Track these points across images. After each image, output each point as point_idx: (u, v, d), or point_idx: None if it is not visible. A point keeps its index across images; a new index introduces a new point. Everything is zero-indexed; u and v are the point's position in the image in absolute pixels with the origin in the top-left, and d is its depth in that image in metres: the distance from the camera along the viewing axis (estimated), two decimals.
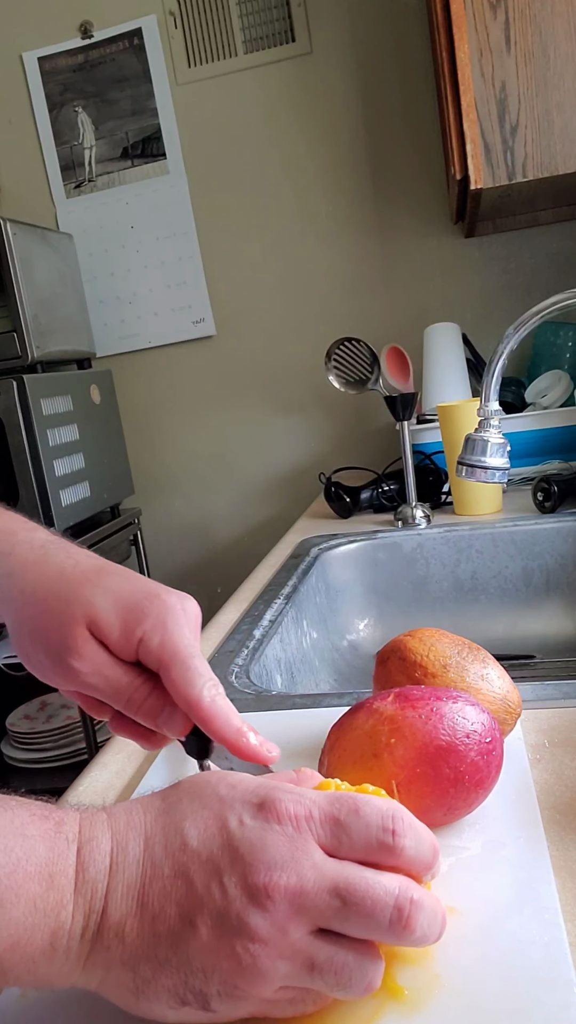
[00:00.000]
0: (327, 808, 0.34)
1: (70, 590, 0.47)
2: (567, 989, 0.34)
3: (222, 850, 0.33)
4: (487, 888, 0.41)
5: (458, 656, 0.55)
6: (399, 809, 0.35)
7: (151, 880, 0.34)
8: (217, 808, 0.35)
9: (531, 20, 1.21)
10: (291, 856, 0.33)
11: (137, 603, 0.46)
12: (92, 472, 1.83)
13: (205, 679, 0.45)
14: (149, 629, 0.45)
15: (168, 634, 0.45)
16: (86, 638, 0.46)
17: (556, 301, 0.84)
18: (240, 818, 0.34)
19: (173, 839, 0.34)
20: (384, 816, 0.34)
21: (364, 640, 1.14)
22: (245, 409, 2.04)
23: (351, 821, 0.34)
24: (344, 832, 0.34)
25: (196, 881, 0.33)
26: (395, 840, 0.34)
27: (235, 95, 1.89)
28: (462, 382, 1.61)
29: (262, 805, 0.34)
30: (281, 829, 0.34)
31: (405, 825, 0.35)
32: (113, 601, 0.46)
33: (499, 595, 1.16)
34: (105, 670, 0.46)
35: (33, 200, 2.02)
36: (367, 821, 0.34)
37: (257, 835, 0.33)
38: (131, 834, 0.35)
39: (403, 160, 1.84)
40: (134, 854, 0.34)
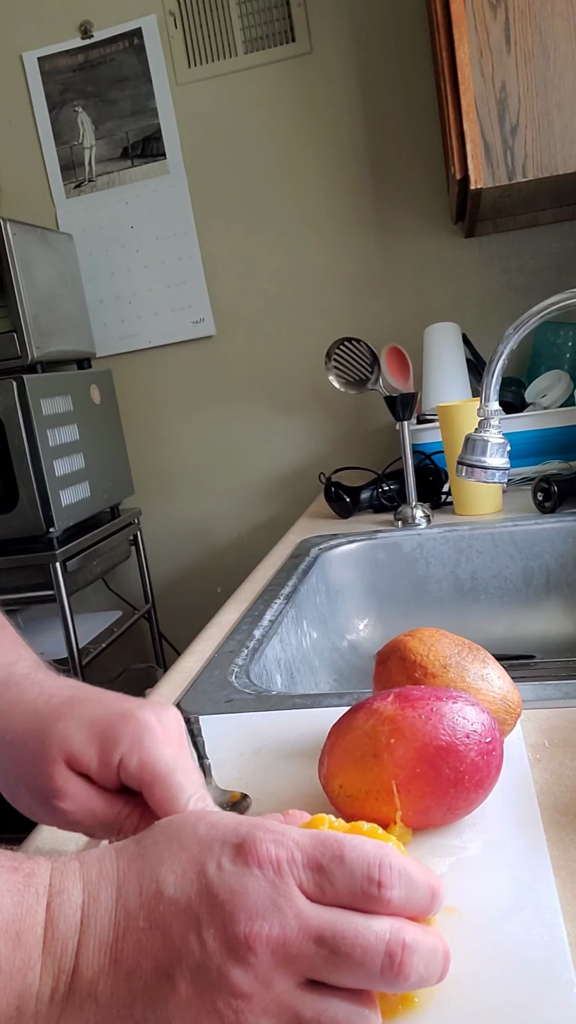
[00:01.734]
0: (310, 851, 0.33)
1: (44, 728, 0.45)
2: (567, 989, 0.34)
3: (200, 898, 0.31)
4: (487, 888, 0.41)
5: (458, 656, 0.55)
6: (388, 855, 0.33)
7: (125, 933, 0.32)
8: (196, 851, 0.33)
9: (531, 20, 1.21)
10: (272, 904, 0.31)
11: (111, 727, 0.44)
12: (92, 472, 1.83)
13: (188, 793, 0.43)
14: (126, 752, 0.43)
15: (145, 753, 0.43)
16: (67, 776, 0.44)
17: (556, 301, 0.84)
18: (219, 862, 0.32)
19: (148, 886, 0.32)
20: (371, 864, 0.32)
21: (364, 640, 1.14)
22: (245, 409, 2.04)
23: (334, 868, 0.32)
24: (327, 880, 0.32)
25: (173, 933, 0.31)
26: (381, 892, 0.32)
27: (235, 95, 1.89)
28: (462, 382, 1.61)
29: (241, 846, 0.33)
30: (262, 874, 0.32)
31: (393, 873, 0.32)
32: (87, 731, 0.44)
33: (499, 595, 1.16)
34: (91, 805, 0.44)
35: (33, 200, 2.02)
36: (351, 869, 0.32)
37: (237, 881, 0.32)
38: (103, 883, 0.33)
39: (403, 160, 1.84)
40: (106, 905, 0.32)
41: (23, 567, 1.66)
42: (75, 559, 1.71)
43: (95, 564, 1.83)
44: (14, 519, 1.64)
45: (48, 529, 1.64)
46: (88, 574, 1.82)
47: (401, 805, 0.44)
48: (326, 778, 0.48)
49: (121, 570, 2.11)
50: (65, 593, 1.66)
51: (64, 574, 1.66)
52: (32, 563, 1.66)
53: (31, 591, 1.68)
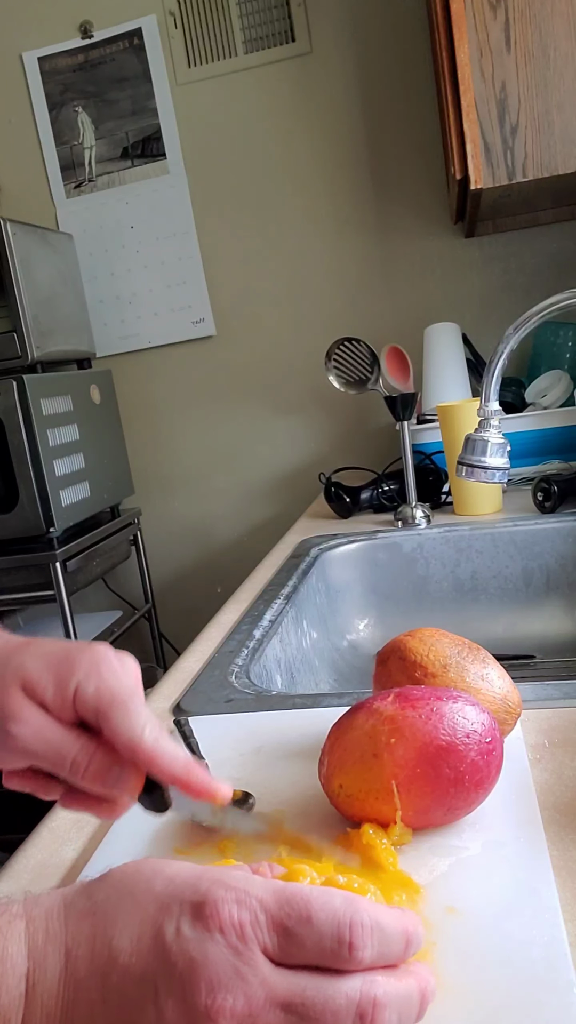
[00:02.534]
0: (275, 912, 0.30)
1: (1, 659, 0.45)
2: (567, 989, 0.34)
3: (158, 966, 0.29)
4: (487, 888, 0.41)
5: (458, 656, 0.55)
6: (358, 911, 0.31)
7: (74, 1004, 0.30)
8: (152, 912, 0.31)
9: (531, 20, 1.21)
10: (236, 972, 0.29)
11: (68, 656, 0.44)
12: (92, 472, 1.83)
13: (144, 720, 0.42)
14: (83, 677, 0.43)
15: (103, 680, 0.43)
16: (22, 700, 0.43)
17: (556, 301, 0.84)
18: (178, 926, 0.30)
19: (100, 951, 0.30)
20: (340, 924, 0.30)
21: (364, 640, 1.14)
22: (245, 409, 2.04)
23: (302, 931, 0.30)
24: (294, 944, 0.30)
25: (129, 1005, 0.29)
26: (352, 954, 0.30)
27: (235, 95, 1.89)
28: (462, 382, 1.61)
29: (201, 908, 0.30)
30: (224, 940, 0.30)
31: (365, 932, 0.30)
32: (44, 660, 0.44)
33: (499, 595, 1.16)
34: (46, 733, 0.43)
35: (33, 200, 2.02)
36: (320, 931, 0.30)
37: (197, 948, 0.29)
38: (50, 947, 0.31)
39: (403, 160, 1.84)
40: (53, 972, 0.30)
41: (23, 567, 1.66)
42: (75, 559, 1.71)
43: (95, 564, 1.83)
44: (14, 519, 1.64)
45: (48, 529, 1.64)
46: (88, 574, 1.82)
47: (401, 805, 0.44)
48: (326, 778, 0.48)
49: (121, 570, 2.11)
50: (65, 593, 1.66)
51: (64, 574, 1.66)
52: (32, 563, 1.66)
53: (31, 591, 1.68)
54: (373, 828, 0.45)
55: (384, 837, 0.44)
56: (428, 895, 0.41)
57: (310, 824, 0.49)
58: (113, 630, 1.93)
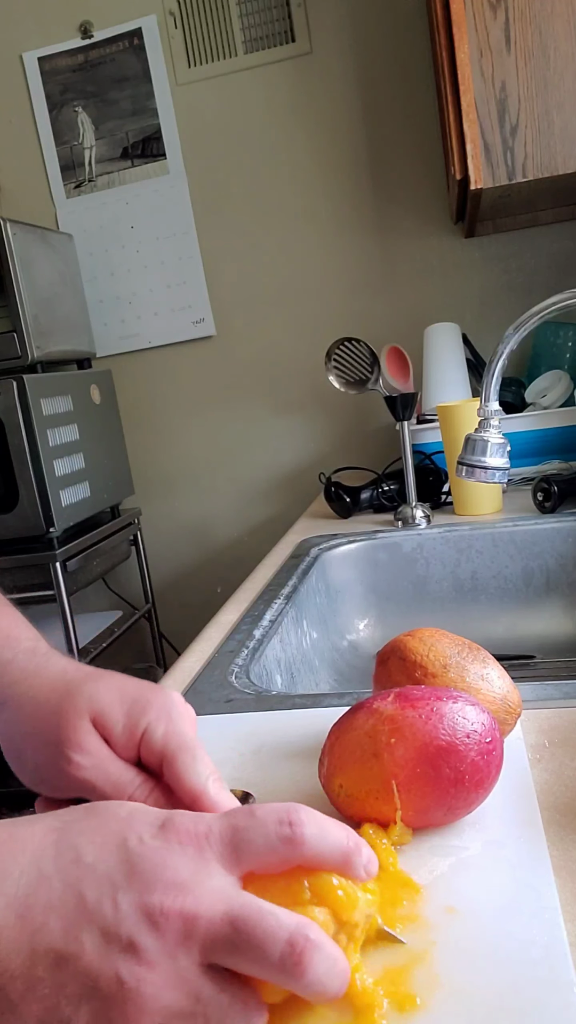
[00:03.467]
0: (225, 820, 0.34)
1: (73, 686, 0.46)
2: (567, 989, 0.34)
3: (119, 866, 0.32)
4: (487, 888, 0.41)
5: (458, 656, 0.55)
6: (297, 805, 0.34)
7: (36, 891, 0.31)
8: (116, 826, 0.33)
9: (531, 20, 1.21)
10: (191, 877, 0.31)
11: (141, 695, 0.45)
12: (92, 472, 1.83)
13: (210, 770, 0.44)
14: (154, 719, 0.44)
15: (173, 724, 0.44)
16: (89, 731, 0.44)
17: (556, 301, 0.84)
18: (140, 836, 0.33)
19: (65, 853, 0.32)
20: (280, 811, 0.34)
21: (364, 640, 1.14)
22: (245, 409, 2.04)
23: (248, 823, 0.33)
24: (242, 836, 0.33)
25: (87, 895, 0.31)
26: (294, 830, 0.33)
27: (235, 95, 1.89)
28: (462, 382, 1.61)
29: (164, 825, 0.33)
30: (181, 849, 0.32)
31: (303, 815, 0.34)
32: (118, 694, 0.45)
33: (499, 595, 1.16)
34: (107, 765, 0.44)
35: (33, 200, 2.02)
36: (263, 819, 0.33)
37: (158, 854, 0.32)
38: (16, 847, 0.33)
39: (403, 160, 1.84)
40: (18, 866, 0.32)
41: (23, 567, 1.66)
42: (75, 559, 1.71)
43: (95, 564, 1.83)
44: (14, 519, 1.64)
45: (48, 529, 1.64)
46: (88, 574, 1.82)
47: (401, 805, 0.44)
48: (326, 778, 0.48)
49: (121, 570, 2.11)
50: (65, 593, 1.66)
51: (64, 574, 1.66)
52: (32, 563, 1.66)
53: (31, 591, 1.68)
54: (373, 828, 0.45)
55: (384, 837, 0.44)
56: (428, 895, 0.41)
57: None
58: (113, 630, 1.93)
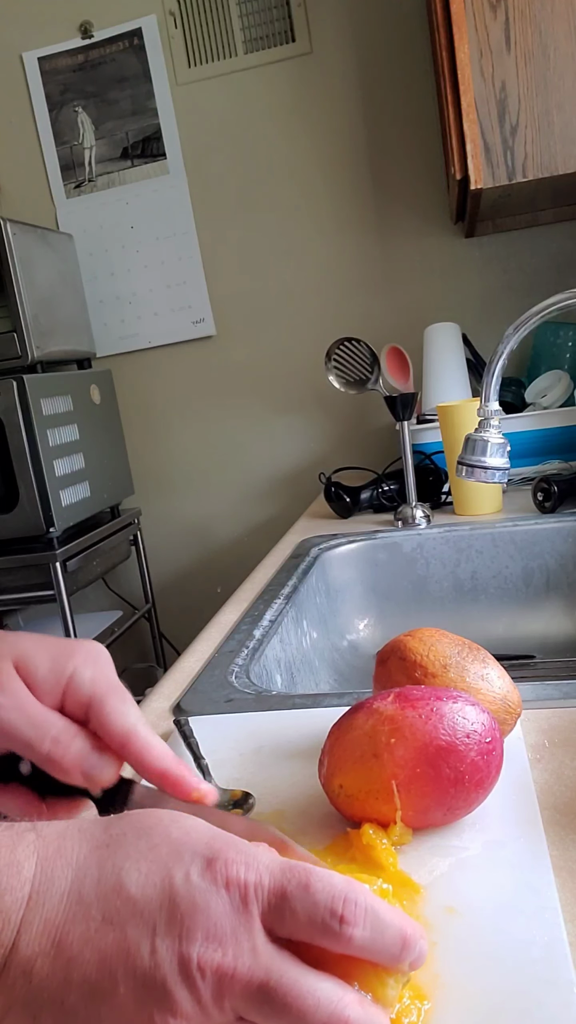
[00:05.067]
0: (278, 877, 0.31)
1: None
2: (567, 989, 0.34)
3: (161, 904, 0.30)
4: (487, 888, 0.41)
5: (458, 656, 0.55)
6: (357, 891, 0.31)
7: (75, 919, 0.30)
8: (164, 854, 0.32)
9: (531, 20, 1.21)
10: (231, 931, 0.30)
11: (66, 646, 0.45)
12: (92, 472, 1.83)
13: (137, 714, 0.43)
14: (80, 664, 0.44)
15: (100, 670, 0.44)
16: (10, 674, 0.43)
17: (556, 301, 0.84)
18: (187, 872, 0.31)
19: (108, 877, 0.31)
20: (336, 898, 0.31)
21: (364, 640, 1.14)
22: (245, 409, 2.04)
23: (298, 896, 0.31)
24: (289, 907, 0.31)
25: (127, 934, 0.30)
26: (342, 928, 0.30)
27: (235, 95, 1.89)
28: (462, 382, 1.61)
29: (213, 862, 0.31)
30: (228, 897, 0.30)
31: (359, 910, 0.30)
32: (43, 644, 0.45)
33: (499, 595, 1.16)
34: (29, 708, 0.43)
35: (33, 200, 2.02)
36: (315, 900, 0.30)
37: (202, 897, 0.30)
38: (60, 863, 0.32)
39: (403, 160, 1.84)
40: (60, 886, 0.31)
41: (23, 567, 1.66)
42: (75, 559, 1.71)
43: (95, 564, 1.83)
44: (14, 519, 1.64)
45: (48, 529, 1.64)
46: (88, 574, 1.82)
47: (401, 805, 0.44)
48: (326, 778, 0.48)
49: (121, 570, 2.11)
50: (65, 593, 1.66)
51: (64, 574, 1.66)
52: (32, 563, 1.66)
53: (31, 591, 1.68)
54: (373, 828, 0.45)
55: (384, 837, 0.44)
56: (428, 895, 0.41)
57: (310, 824, 0.49)
58: (113, 630, 1.93)
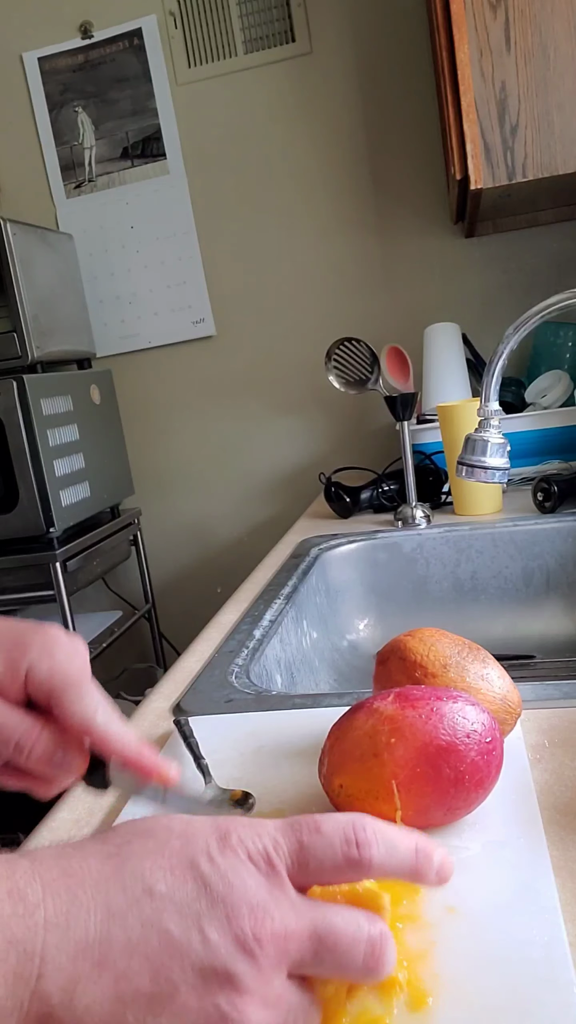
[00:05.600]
0: (289, 833, 0.32)
1: None
2: (567, 989, 0.34)
3: (197, 893, 0.30)
4: (487, 888, 0.41)
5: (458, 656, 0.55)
6: (361, 819, 0.33)
7: (110, 933, 0.29)
8: (178, 846, 0.31)
9: (531, 20, 1.21)
10: (271, 897, 0.30)
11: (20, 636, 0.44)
12: (92, 472, 1.83)
13: (98, 701, 0.43)
14: (35, 658, 0.43)
15: (56, 662, 0.43)
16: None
17: (556, 301, 0.84)
18: (209, 854, 0.31)
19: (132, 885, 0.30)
20: (345, 828, 0.32)
21: (364, 640, 1.14)
22: (245, 409, 2.04)
23: (314, 841, 0.32)
24: (311, 855, 0.32)
25: (172, 931, 0.29)
26: (361, 852, 0.32)
27: (235, 95, 1.89)
28: (462, 382, 1.61)
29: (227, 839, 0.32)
30: (254, 867, 0.31)
31: (369, 832, 0.32)
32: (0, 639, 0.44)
33: (499, 595, 1.16)
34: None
35: (33, 200, 2.02)
36: (331, 839, 0.32)
37: (233, 873, 0.30)
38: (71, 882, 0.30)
39: (403, 160, 1.84)
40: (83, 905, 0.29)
41: (23, 567, 1.66)
42: (75, 559, 1.71)
43: (95, 564, 1.82)
44: (14, 519, 1.64)
45: (48, 529, 1.64)
46: (88, 574, 1.82)
47: (401, 805, 0.44)
48: (326, 778, 0.48)
49: (121, 570, 2.11)
50: (65, 593, 1.66)
51: (64, 574, 1.66)
52: (32, 563, 1.66)
53: (31, 591, 1.68)
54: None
55: None
56: (428, 895, 0.41)
57: None
58: (113, 630, 1.93)
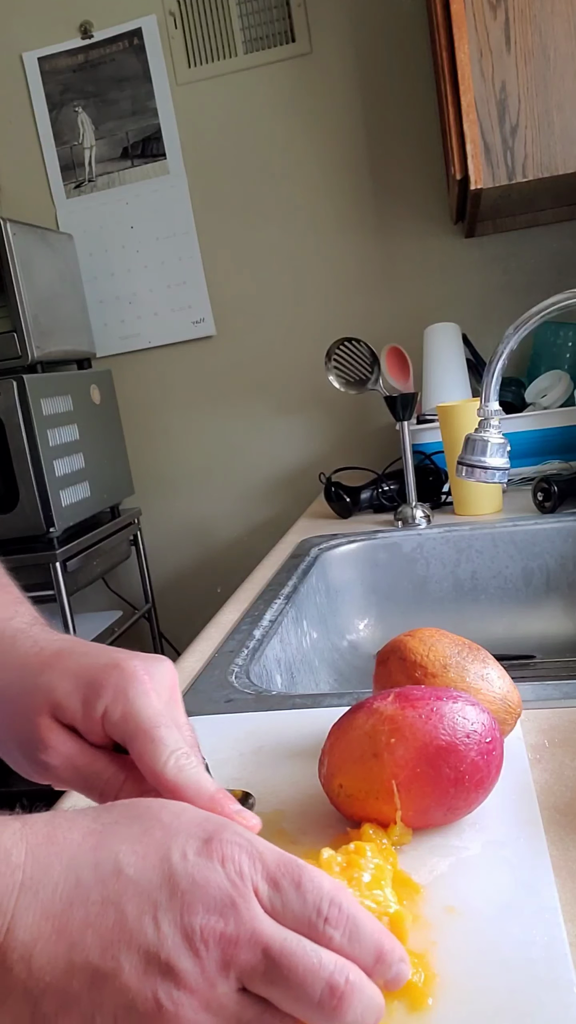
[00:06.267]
0: (272, 866, 0.32)
1: (31, 679, 0.45)
2: (567, 989, 0.34)
3: (161, 883, 0.31)
4: (487, 888, 0.41)
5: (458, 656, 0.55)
6: (341, 896, 0.32)
7: (72, 904, 0.30)
8: (159, 837, 0.32)
9: (531, 20, 1.21)
10: (231, 902, 0.31)
11: (96, 677, 0.43)
12: (92, 472, 1.83)
13: (171, 749, 0.41)
14: (110, 702, 0.42)
15: (129, 705, 0.42)
16: (51, 727, 0.43)
17: (556, 301, 0.84)
18: (184, 851, 0.32)
19: (105, 863, 0.31)
20: (323, 899, 0.32)
21: (364, 640, 1.14)
22: (245, 409, 2.04)
23: (290, 890, 0.32)
24: (280, 898, 0.32)
25: (128, 913, 0.30)
26: (324, 927, 0.31)
27: (235, 95, 1.89)
28: (462, 382, 1.61)
29: (209, 841, 0.32)
30: (224, 872, 0.31)
31: (342, 915, 0.32)
32: (73, 681, 0.43)
33: (499, 595, 1.16)
34: (76, 760, 0.43)
35: (33, 200, 2.02)
36: (304, 896, 0.32)
37: (200, 873, 0.31)
38: (52, 850, 0.32)
39: (403, 160, 1.84)
40: (55, 873, 0.31)
41: (23, 567, 1.66)
42: (75, 559, 1.71)
43: (95, 564, 1.82)
44: (14, 519, 1.64)
45: (48, 529, 1.64)
46: (88, 574, 1.82)
47: (401, 805, 0.44)
48: (326, 778, 0.48)
49: (121, 570, 2.11)
50: (65, 593, 1.66)
51: (64, 574, 1.66)
52: (32, 563, 1.66)
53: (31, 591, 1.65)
54: (373, 828, 0.45)
55: (384, 837, 0.44)
56: (428, 895, 0.41)
57: (310, 824, 0.49)
58: (113, 630, 1.93)
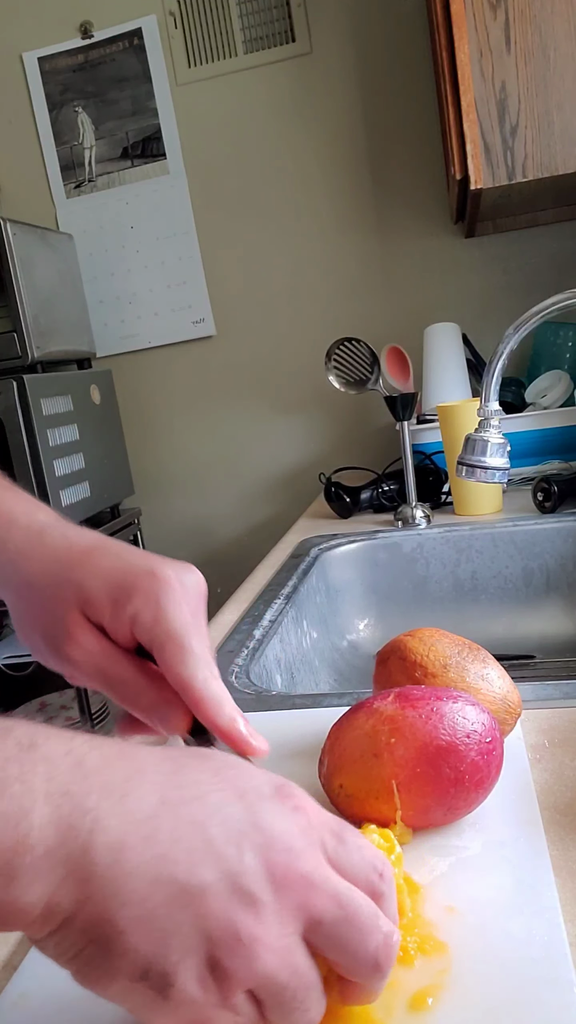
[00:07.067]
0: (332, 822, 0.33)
1: (63, 573, 0.44)
2: (567, 989, 0.34)
3: (243, 817, 0.30)
4: (487, 888, 0.41)
5: (458, 656, 0.55)
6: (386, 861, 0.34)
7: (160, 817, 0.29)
8: (233, 776, 0.32)
9: (531, 20, 1.21)
10: (308, 847, 0.30)
11: (128, 580, 0.43)
12: (92, 472, 1.83)
13: (200, 660, 0.42)
14: (140, 606, 0.42)
15: (161, 611, 0.42)
16: (80, 623, 0.43)
17: (556, 301, 0.84)
18: (261, 792, 0.31)
19: (188, 787, 0.30)
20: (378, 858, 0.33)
21: (364, 640, 1.14)
22: (245, 409, 2.04)
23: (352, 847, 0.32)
24: (343, 852, 0.32)
25: (215, 837, 0.29)
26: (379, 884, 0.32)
27: (235, 95, 1.89)
28: (462, 382, 1.61)
29: (280, 788, 0.32)
30: (296, 819, 0.31)
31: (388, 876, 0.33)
32: (104, 581, 0.43)
33: (499, 595, 1.16)
34: (98, 658, 0.43)
35: (33, 200, 2.02)
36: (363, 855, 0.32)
37: (278, 814, 0.31)
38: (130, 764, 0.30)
39: (403, 160, 1.84)
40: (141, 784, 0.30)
41: None
42: None
43: None
44: None
45: None
46: None
47: (401, 805, 0.44)
48: (326, 778, 0.48)
49: None
50: None
51: None
52: None
53: None
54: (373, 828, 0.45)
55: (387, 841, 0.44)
56: (428, 895, 0.41)
57: None
58: None
